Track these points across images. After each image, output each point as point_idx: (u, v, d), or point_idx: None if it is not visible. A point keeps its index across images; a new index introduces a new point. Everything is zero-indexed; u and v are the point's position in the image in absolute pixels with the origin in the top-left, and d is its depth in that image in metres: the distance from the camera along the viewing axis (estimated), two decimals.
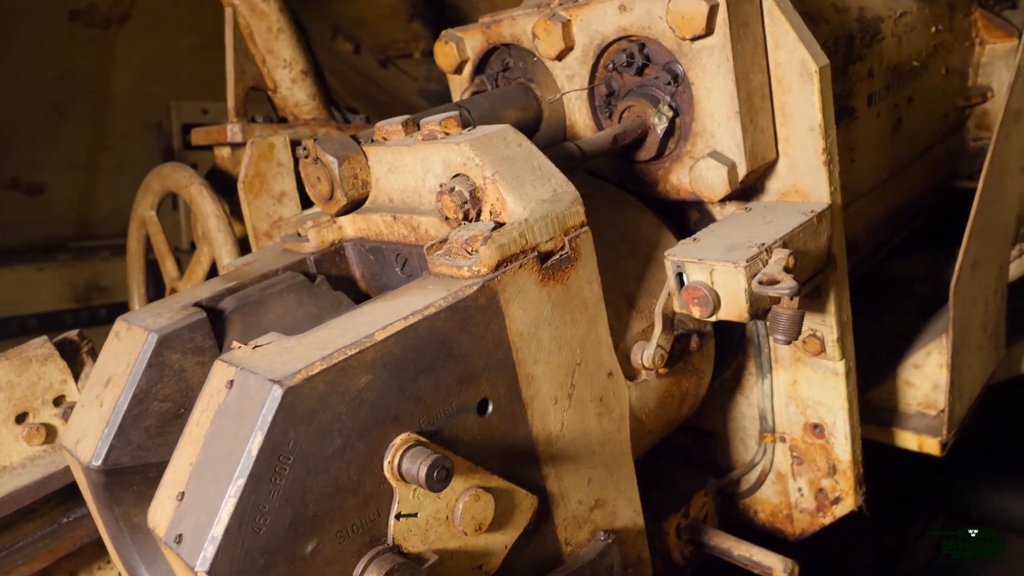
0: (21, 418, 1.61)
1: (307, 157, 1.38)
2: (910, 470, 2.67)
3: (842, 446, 1.56)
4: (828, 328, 1.47)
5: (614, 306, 1.33)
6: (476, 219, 1.19)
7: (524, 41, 1.61)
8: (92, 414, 1.25)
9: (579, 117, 1.58)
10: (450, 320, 1.05)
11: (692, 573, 1.64)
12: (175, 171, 2.13)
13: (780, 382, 1.60)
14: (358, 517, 0.99)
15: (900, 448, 1.85)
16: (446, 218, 1.21)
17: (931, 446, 1.72)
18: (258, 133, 2.06)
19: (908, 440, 1.76)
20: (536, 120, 1.64)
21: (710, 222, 1.48)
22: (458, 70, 1.77)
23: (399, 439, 1.00)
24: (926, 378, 1.79)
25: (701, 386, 1.50)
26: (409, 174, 1.29)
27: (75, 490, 1.56)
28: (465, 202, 1.17)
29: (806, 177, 1.41)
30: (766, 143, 1.40)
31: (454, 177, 1.20)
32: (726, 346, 1.60)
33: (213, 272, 2.11)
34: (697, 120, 1.39)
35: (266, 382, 0.92)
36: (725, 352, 1.61)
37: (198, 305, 1.30)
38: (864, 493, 1.60)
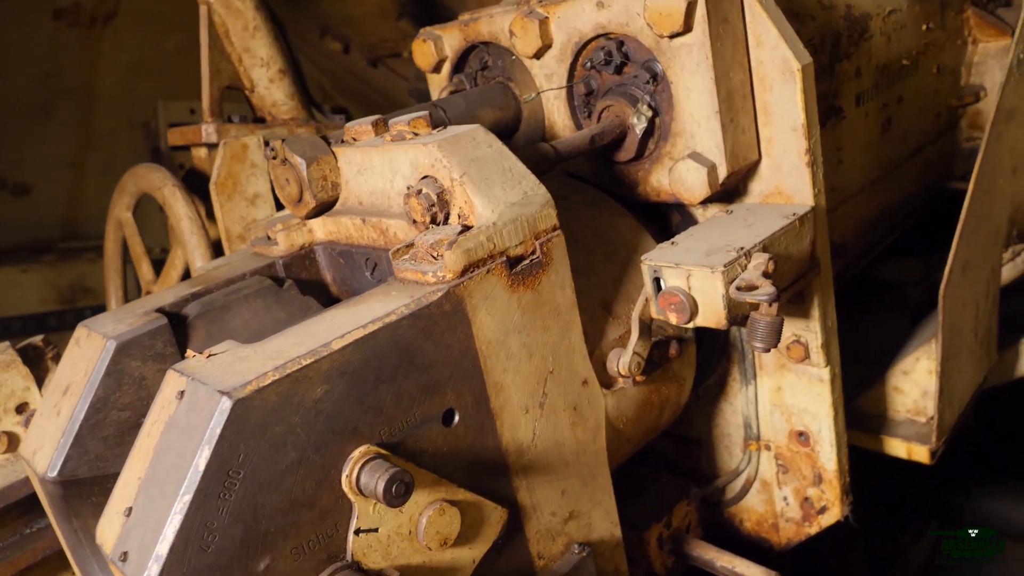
0: None
1: (275, 158, 1.34)
2: (903, 475, 2.64)
3: (828, 454, 1.52)
4: (812, 334, 1.43)
5: (590, 312, 1.29)
6: (444, 222, 1.15)
7: (502, 39, 1.57)
8: (50, 423, 1.21)
9: (558, 117, 1.54)
10: (413, 328, 1.01)
11: None
12: (149, 172, 2.09)
13: (764, 389, 1.56)
14: (315, 533, 0.95)
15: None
16: (414, 221, 1.17)
17: (920, 454, 1.68)
18: (233, 133, 2.02)
19: (897, 448, 1.72)
20: (515, 120, 1.60)
21: (692, 224, 1.44)
22: (436, 69, 1.73)
23: (358, 452, 0.97)
24: (915, 384, 1.75)
25: (682, 393, 1.46)
26: (378, 176, 1.26)
27: (38, 500, 1.52)
28: (432, 205, 1.14)
29: (789, 178, 1.37)
30: (748, 144, 1.36)
31: (422, 179, 1.17)
32: (709, 352, 1.56)
33: (188, 275, 2.07)
34: (677, 120, 1.35)
35: (215, 393, 0.89)
36: (708, 358, 1.57)
37: (161, 311, 1.27)
38: (851, 503, 1.56)
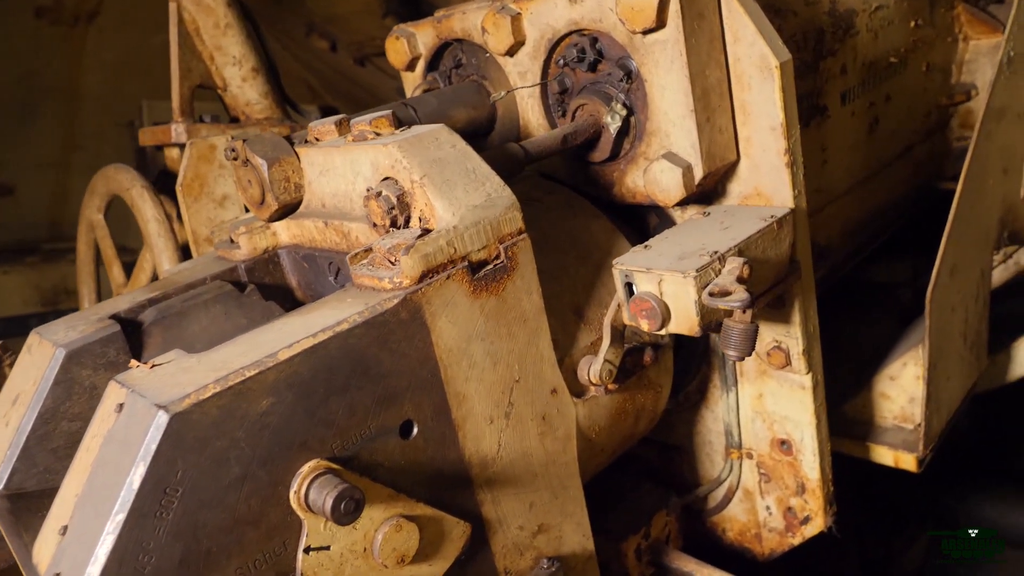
0: None
1: (236, 159, 1.30)
2: (896, 479, 2.60)
3: (810, 463, 1.48)
4: (793, 340, 1.39)
5: (560, 317, 1.25)
6: (405, 226, 1.11)
7: (475, 36, 1.52)
8: None
9: (532, 116, 1.50)
10: (366, 336, 0.97)
11: None
12: (118, 173, 2.05)
13: (746, 396, 1.51)
14: (261, 552, 0.91)
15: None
16: (374, 224, 1.13)
17: (907, 462, 1.64)
18: (204, 133, 1.98)
19: (884, 455, 1.68)
20: (489, 119, 1.56)
21: (670, 227, 1.39)
22: (410, 67, 1.69)
23: (307, 467, 0.92)
24: (902, 390, 1.71)
25: (659, 401, 1.42)
26: (340, 177, 1.21)
27: None
28: (392, 208, 1.09)
29: (768, 179, 1.33)
30: (725, 143, 1.31)
31: (383, 180, 1.12)
32: (688, 358, 1.52)
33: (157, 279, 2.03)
34: (651, 119, 1.31)
35: (152, 407, 0.84)
36: (687, 364, 1.53)
37: (115, 317, 1.22)
38: (834, 513, 1.52)
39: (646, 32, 1.24)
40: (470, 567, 1.12)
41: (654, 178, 1.30)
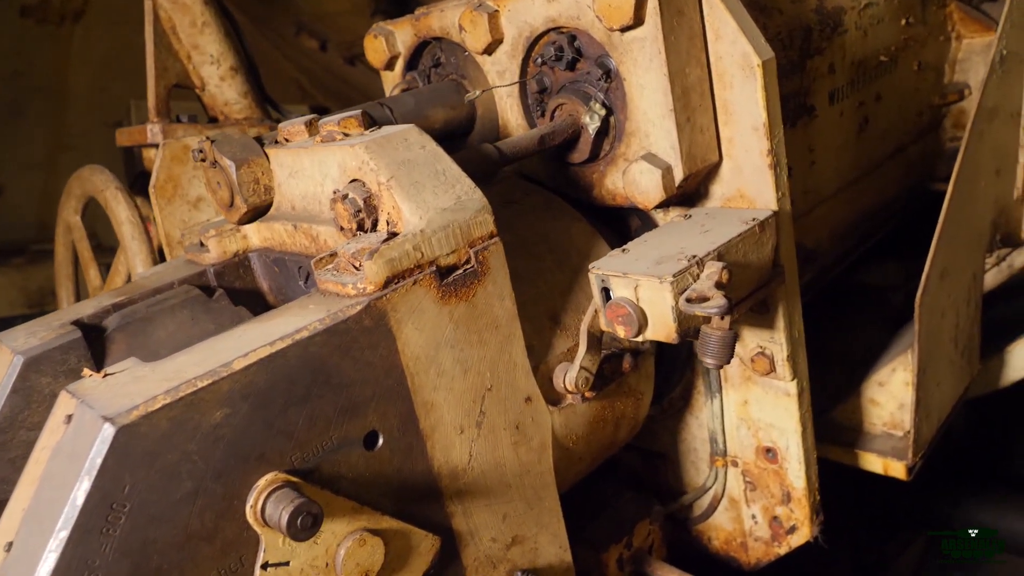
0: None
1: (204, 160, 1.27)
2: (890, 483, 2.57)
3: (796, 472, 1.44)
4: (778, 346, 1.35)
5: (535, 323, 1.22)
6: (373, 229, 1.08)
7: (453, 34, 1.49)
8: None
9: (511, 116, 1.46)
10: (327, 345, 0.94)
11: None
12: (93, 174, 2.01)
13: (730, 402, 1.48)
14: (216, 568, 0.88)
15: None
16: (341, 228, 1.09)
17: (897, 469, 1.60)
18: (181, 134, 1.95)
19: (873, 463, 1.64)
20: (469, 119, 1.53)
21: (651, 230, 1.36)
22: (389, 66, 1.66)
23: (264, 480, 0.89)
24: (891, 396, 1.67)
25: (640, 408, 1.38)
26: (309, 179, 1.18)
27: None
28: (359, 210, 1.06)
29: (751, 181, 1.29)
30: (706, 144, 1.28)
31: (351, 182, 1.09)
32: (672, 363, 1.49)
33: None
34: (630, 119, 1.27)
35: (98, 419, 0.81)
36: (670, 370, 1.50)
37: (78, 323, 1.19)
38: (821, 522, 1.48)
39: (624, 29, 1.20)
40: None
41: (633, 180, 1.27)
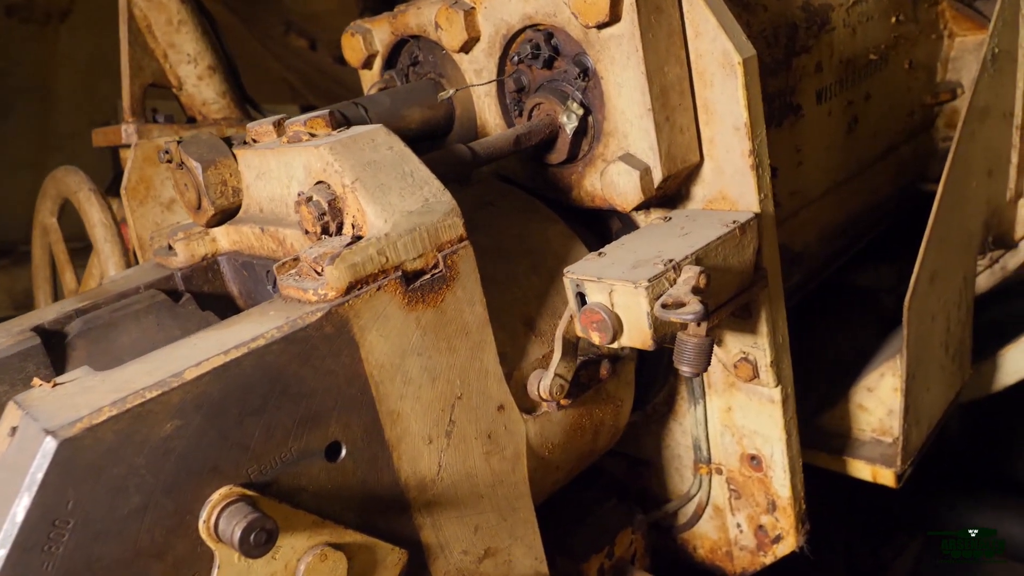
0: None
1: (170, 161, 1.23)
2: (883, 487, 2.54)
3: (781, 480, 1.41)
4: (761, 351, 1.32)
5: (509, 329, 1.18)
6: (338, 232, 1.04)
7: (431, 32, 1.46)
8: None
9: (489, 116, 1.43)
10: (285, 353, 0.90)
11: None
12: (66, 175, 1.98)
13: (714, 409, 1.44)
14: None
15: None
16: (306, 231, 1.06)
17: (885, 477, 1.57)
18: (156, 134, 1.92)
19: (861, 470, 1.61)
20: (447, 119, 1.49)
21: (631, 232, 1.32)
22: (367, 65, 1.62)
23: (217, 494, 0.86)
24: (880, 402, 1.64)
25: (620, 416, 1.35)
26: (275, 181, 1.15)
27: None
28: (323, 213, 1.03)
29: (733, 182, 1.26)
30: (686, 144, 1.24)
31: (316, 184, 1.06)
32: (654, 368, 1.45)
33: None
34: (608, 119, 1.24)
35: (40, 432, 0.78)
36: (653, 375, 1.46)
37: (39, 329, 1.16)
38: (807, 531, 1.45)
39: (600, 26, 1.17)
40: None
41: (611, 181, 1.23)
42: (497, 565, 1.16)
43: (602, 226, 1.41)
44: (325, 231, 1.04)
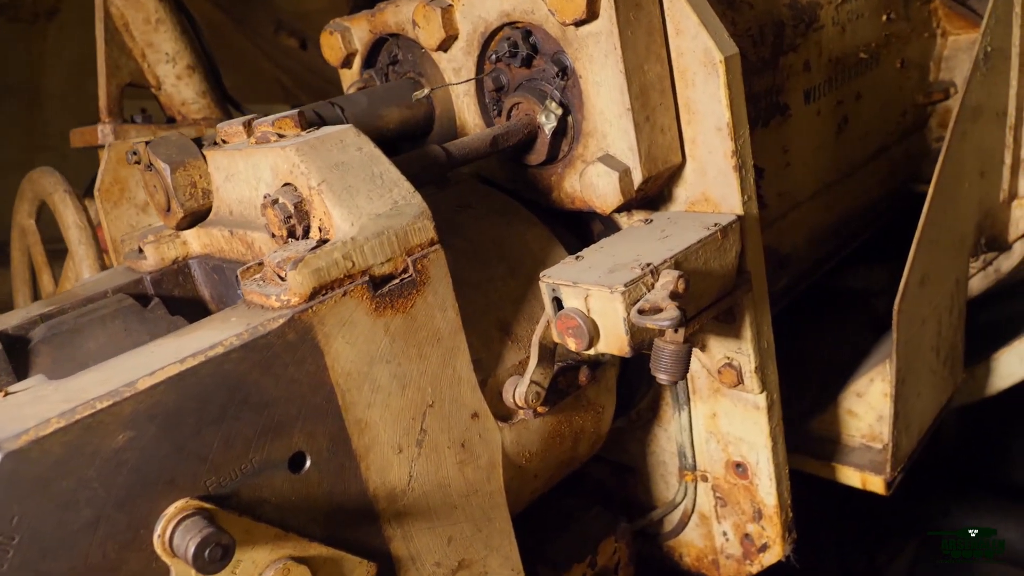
0: None
1: (138, 163, 1.20)
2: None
3: (767, 488, 1.38)
4: (745, 357, 1.29)
5: (484, 335, 1.15)
6: (304, 236, 1.01)
7: (409, 30, 1.43)
8: None
9: (469, 116, 1.40)
10: (245, 361, 0.87)
11: None
12: (42, 177, 1.96)
13: (699, 415, 1.41)
14: None
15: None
16: (273, 235, 1.03)
17: (875, 484, 1.54)
18: (133, 135, 1.89)
19: (850, 476, 1.57)
20: (427, 119, 1.46)
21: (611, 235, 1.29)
22: (347, 64, 1.59)
23: (173, 507, 0.83)
24: (870, 408, 1.61)
25: (601, 422, 1.32)
26: (244, 183, 1.12)
27: None
28: (289, 216, 1.00)
29: (715, 184, 1.23)
30: (667, 145, 1.21)
31: (283, 187, 1.03)
32: (638, 373, 1.42)
33: None
34: (588, 119, 1.21)
35: None
36: (637, 380, 1.43)
37: (2, 335, 1.13)
38: (794, 540, 1.42)
39: (578, 23, 1.14)
40: None
41: (590, 183, 1.20)
42: None
43: (584, 228, 1.38)
44: (291, 234, 1.01)
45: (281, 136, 1.08)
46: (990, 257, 1.86)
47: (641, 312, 0.99)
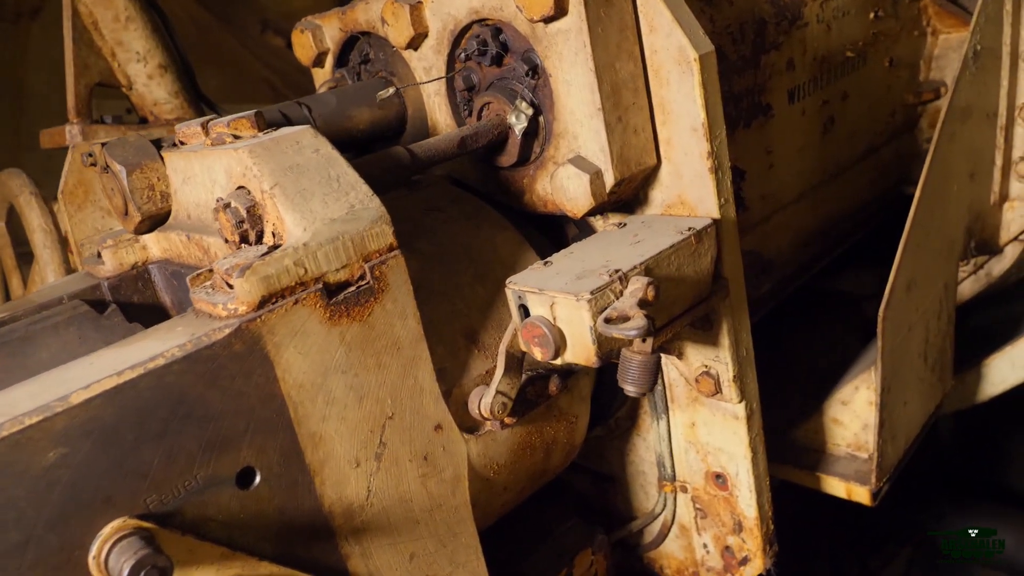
0: None
1: (94, 164, 1.17)
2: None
3: (747, 500, 1.34)
4: (723, 365, 1.25)
5: (450, 343, 1.11)
6: (258, 241, 0.97)
7: (379, 28, 1.39)
8: None
9: (440, 116, 1.36)
10: (188, 373, 0.83)
11: None
12: (9, 179, 1.92)
13: (678, 424, 1.37)
14: None
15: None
16: (226, 240, 0.99)
17: (860, 495, 1.50)
18: (103, 135, 1.85)
19: (835, 487, 1.53)
20: (399, 120, 1.42)
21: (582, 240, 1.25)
22: (318, 63, 1.56)
23: (109, 527, 0.79)
24: (855, 416, 1.57)
25: (574, 432, 1.28)
26: (200, 186, 1.08)
27: None
28: (242, 221, 0.96)
29: (691, 187, 1.19)
30: (641, 146, 1.17)
31: (237, 190, 0.99)
32: (615, 381, 1.38)
33: None
34: (558, 119, 1.17)
35: None
36: (614, 388, 1.39)
37: None
38: (775, 553, 1.38)
39: (547, 20, 1.10)
40: None
41: (560, 185, 1.16)
42: None
43: (558, 233, 1.34)
44: (244, 240, 0.97)
45: (237, 137, 1.04)
46: (980, 261, 1.82)
47: (608, 321, 0.95)
